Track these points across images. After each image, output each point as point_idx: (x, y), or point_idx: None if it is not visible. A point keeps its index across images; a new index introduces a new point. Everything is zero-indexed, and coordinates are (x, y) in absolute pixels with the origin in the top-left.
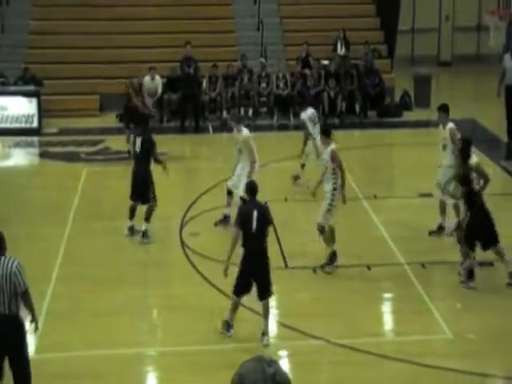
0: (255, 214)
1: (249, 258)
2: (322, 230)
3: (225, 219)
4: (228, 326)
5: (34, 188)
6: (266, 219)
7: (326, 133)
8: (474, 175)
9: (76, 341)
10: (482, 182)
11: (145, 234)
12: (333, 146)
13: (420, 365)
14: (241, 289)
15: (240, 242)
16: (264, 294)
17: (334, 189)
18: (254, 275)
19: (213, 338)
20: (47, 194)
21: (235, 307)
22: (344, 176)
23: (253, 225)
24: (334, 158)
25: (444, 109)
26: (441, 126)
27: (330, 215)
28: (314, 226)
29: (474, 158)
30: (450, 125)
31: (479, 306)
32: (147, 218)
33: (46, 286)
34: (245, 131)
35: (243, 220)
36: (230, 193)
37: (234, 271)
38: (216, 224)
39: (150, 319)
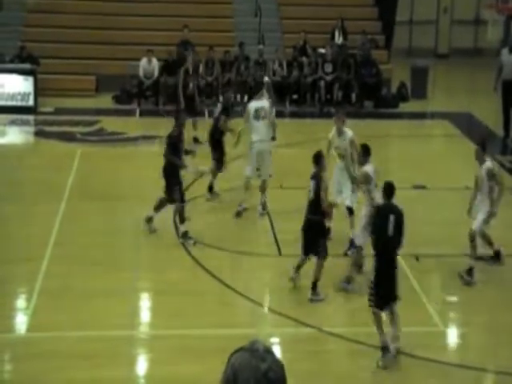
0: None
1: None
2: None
3: None
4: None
5: (28, 167)
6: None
7: (483, 147)
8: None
9: (67, 321)
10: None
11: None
12: (489, 164)
13: (411, 356)
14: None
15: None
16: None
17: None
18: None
19: (204, 323)
20: (41, 173)
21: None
22: (498, 197)
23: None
24: (491, 176)
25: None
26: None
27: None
28: None
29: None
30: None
31: (471, 299)
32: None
33: (38, 265)
34: None
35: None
36: None
37: None
38: None
39: (142, 302)
